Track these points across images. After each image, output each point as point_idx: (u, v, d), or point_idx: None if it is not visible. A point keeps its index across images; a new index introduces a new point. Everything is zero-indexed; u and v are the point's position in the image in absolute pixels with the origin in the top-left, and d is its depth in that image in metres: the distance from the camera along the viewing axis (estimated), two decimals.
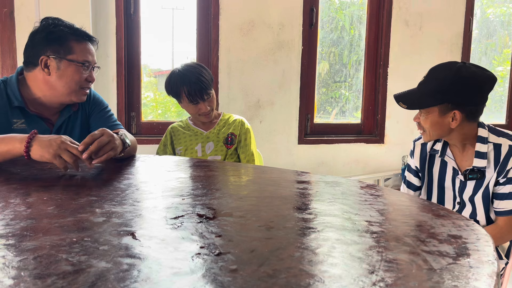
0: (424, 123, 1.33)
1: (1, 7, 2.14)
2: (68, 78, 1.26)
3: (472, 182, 1.35)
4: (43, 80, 1.26)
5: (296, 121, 2.68)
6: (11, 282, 0.43)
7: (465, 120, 1.29)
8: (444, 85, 1.26)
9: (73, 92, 1.29)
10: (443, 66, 1.32)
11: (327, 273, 0.47)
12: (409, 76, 2.86)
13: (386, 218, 0.71)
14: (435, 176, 1.45)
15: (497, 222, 1.33)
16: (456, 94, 1.25)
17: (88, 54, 1.30)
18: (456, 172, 1.38)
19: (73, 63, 1.26)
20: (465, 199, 1.37)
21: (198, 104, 1.66)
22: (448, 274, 0.46)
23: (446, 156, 1.40)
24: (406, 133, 2.92)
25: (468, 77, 1.24)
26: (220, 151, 1.72)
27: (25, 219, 0.64)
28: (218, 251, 0.52)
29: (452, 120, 1.28)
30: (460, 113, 1.26)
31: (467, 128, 1.31)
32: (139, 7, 2.43)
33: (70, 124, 1.37)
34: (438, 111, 1.29)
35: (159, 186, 0.90)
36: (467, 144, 1.35)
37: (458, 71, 1.25)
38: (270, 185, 0.95)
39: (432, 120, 1.31)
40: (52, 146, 0.99)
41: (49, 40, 1.24)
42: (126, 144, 1.18)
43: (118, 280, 0.43)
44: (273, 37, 2.57)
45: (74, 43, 1.26)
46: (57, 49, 1.24)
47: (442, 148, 1.40)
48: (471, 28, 2.98)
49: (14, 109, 1.25)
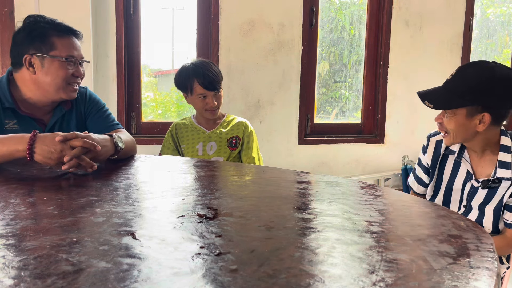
0: (448, 124, 1.25)
1: (1, 7, 2.14)
2: (54, 75, 1.24)
3: (485, 190, 1.29)
4: (30, 80, 1.25)
5: (296, 121, 2.68)
6: (11, 282, 0.43)
7: (491, 124, 1.22)
8: (476, 85, 1.19)
9: (60, 89, 1.27)
10: (474, 65, 1.25)
11: (327, 273, 0.47)
12: (409, 76, 2.86)
13: (386, 218, 0.71)
14: (445, 176, 1.39)
15: (505, 233, 1.29)
16: (489, 96, 1.18)
17: (72, 48, 1.27)
18: (469, 176, 1.32)
19: (56, 59, 1.24)
20: (473, 204, 1.33)
21: (206, 99, 1.68)
22: (448, 274, 0.46)
23: (463, 159, 1.33)
24: (406, 133, 2.92)
25: (503, 79, 1.18)
26: (223, 152, 1.73)
27: (25, 219, 0.64)
28: (218, 251, 0.52)
29: (480, 123, 1.21)
30: (489, 115, 1.19)
31: (491, 133, 1.26)
32: (139, 7, 2.43)
33: (64, 124, 1.35)
34: (465, 113, 1.21)
35: (159, 186, 0.90)
36: (486, 150, 1.30)
37: (492, 71, 1.18)
38: (270, 185, 0.95)
39: (457, 122, 1.23)
40: (53, 154, 1.00)
41: (30, 38, 1.22)
42: (118, 147, 1.17)
43: (118, 280, 0.43)
44: (273, 37, 2.57)
45: (55, 39, 1.24)
46: (39, 47, 1.22)
47: (459, 150, 1.34)
48: (471, 28, 2.98)
49: (5, 110, 1.24)
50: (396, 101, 2.87)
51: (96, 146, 1.03)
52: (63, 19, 1.29)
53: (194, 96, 1.70)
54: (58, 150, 1.00)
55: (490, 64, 1.21)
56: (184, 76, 1.70)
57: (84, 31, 1.42)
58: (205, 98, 1.69)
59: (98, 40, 2.29)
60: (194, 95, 1.70)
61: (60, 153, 1.00)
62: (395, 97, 2.86)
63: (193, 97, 1.71)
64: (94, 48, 2.26)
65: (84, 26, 2.16)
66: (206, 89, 1.67)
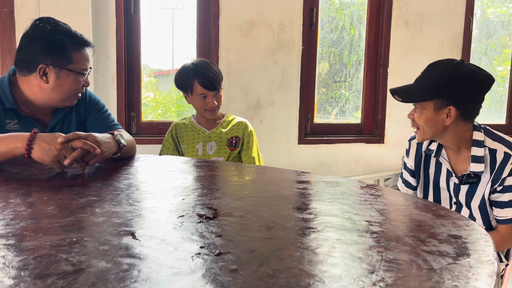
0: (419, 119, 1.31)
1: (1, 7, 2.14)
2: (67, 87, 1.25)
3: (466, 186, 1.33)
4: (39, 86, 1.24)
5: (296, 121, 2.68)
6: (11, 282, 0.43)
7: (460, 119, 1.27)
8: (440, 80, 1.26)
9: (68, 99, 1.29)
10: (441, 62, 1.32)
11: (327, 273, 0.47)
12: (409, 76, 2.82)
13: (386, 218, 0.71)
14: (431, 176, 1.43)
15: (498, 229, 1.32)
16: (452, 90, 1.24)
17: (86, 61, 1.29)
18: (450, 173, 1.37)
19: (72, 73, 1.25)
20: (461, 201, 1.37)
21: (206, 98, 1.68)
22: (448, 274, 0.46)
23: (441, 157, 1.38)
24: (406, 133, 2.90)
25: (465, 74, 1.24)
26: (223, 152, 1.73)
27: (25, 219, 0.64)
28: (218, 251, 0.52)
29: (447, 117, 1.26)
30: (455, 109, 1.25)
31: (461, 128, 1.30)
32: (139, 7, 2.43)
33: (64, 125, 1.35)
34: (433, 107, 1.27)
35: (159, 186, 0.90)
36: (462, 147, 1.34)
37: (455, 67, 1.25)
38: (270, 185, 0.95)
39: (426, 116, 1.29)
40: (52, 152, 1.00)
41: (49, 49, 1.21)
42: (121, 144, 1.17)
43: (118, 280, 0.43)
44: (273, 37, 2.57)
45: (74, 53, 1.25)
46: (57, 59, 1.22)
47: (437, 148, 1.39)
48: (471, 28, 2.98)
49: (6, 111, 1.24)
50: (396, 101, 2.85)
51: (96, 149, 1.03)
52: (63, 19, 1.29)
53: (194, 96, 1.70)
54: (57, 148, 1.00)
55: (456, 61, 1.28)
56: (184, 76, 1.70)
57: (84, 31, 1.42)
58: (205, 98, 1.69)
59: (98, 40, 2.29)
60: (194, 95, 1.70)
61: (58, 152, 1.00)
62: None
63: (193, 97, 1.71)
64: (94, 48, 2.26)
65: (84, 26, 2.16)
66: (206, 89, 1.67)
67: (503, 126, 3.16)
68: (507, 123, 3.22)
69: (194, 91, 1.69)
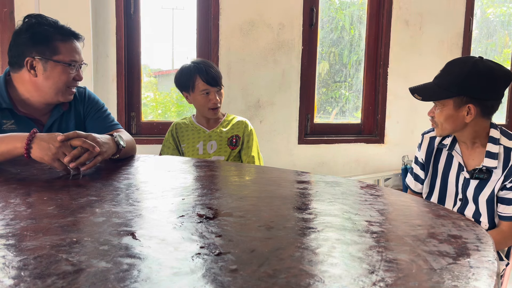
0: (439, 117, 1.32)
1: (1, 7, 2.14)
2: (55, 79, 1.24)
3: (476, 181, 1.34)
4: (30, 81, 1.24)
5: (296, 121, 2.68)
6: (11, 282, 0.43)
7: (479, 115, 1.28)
8: (459, 77, 1.26)
9: (60, 92, 1.27)
10: (460, 60, 1.33)
11: (327, 273, 0.47)
12: (409, 76, 2.85)
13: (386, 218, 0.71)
14: (439, 170, 1.44)
15: (501, 226, 1.33)
16: (471, 87, 1.25)
17: (75, 53, 1.27)
18: (461, 168, 1.38)
19: (59, 64, 1.24)
20: (468, 196, 1.37)
21: (209, 95, 1.68)
22: (448, 274, 0.46)
23: (454, 151, 1.39)
24: (406, 133, 2.92)
25: (484, 71, 1.24)
26: (224, 151, 1.73)
27: (25, 219, 0.64)
28: (218, 251, 0.52)
29: (467, 114, 1.27)
30: (475, 107, 1.26)
31: (480, 125, 1.31)
32: (139, 7, 2.43)
33: (62, 124, 1.35)
34: (453, 104, 1.28)
35: (159, 186, 0.90)
36: (476, 143, 1.35)
37: (474, 64, 1.25)
38: (270, 185, 0.95)
39: (446, 114, 1.30)
40: (51, 150, 0.99)
41: (34, 41, 1.21)
42: (120, 145, 1.17)
43: (118, 280, 0.43)
44: (273, 37, 2.57)
45: (59, 43, 1.24)
46: (42, 50, 1.22)
47: (451, 143, 1.40)
48: (471, 28, 2.98)
49: (3, 110, 1.24)
50: (396, 101, 2.87)
51: (95, 148, 1.03)
52: (63, 19, 1.29)
53: (197, 93, 1.70)
54: (56, 147, 0.99)
55: (474, 58, 1.28)
56: (186, 74, 1.70)
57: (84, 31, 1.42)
58: (208, 95, 1.69)
59: (98, 40, 2.29)
60: (197, 93, 1.70)
61: (57, 150, 0.99)
62: (395, 97, 2.86)
63: (196, 95, 1.70)
64: (94, 48, 2.26)
65: (84, 26, 2.16)
66: (209, 85, 1.68)
67: (503, 126, 3.16)
68: (507, 123, 3.22)
69: (196, 88, 1.69)
